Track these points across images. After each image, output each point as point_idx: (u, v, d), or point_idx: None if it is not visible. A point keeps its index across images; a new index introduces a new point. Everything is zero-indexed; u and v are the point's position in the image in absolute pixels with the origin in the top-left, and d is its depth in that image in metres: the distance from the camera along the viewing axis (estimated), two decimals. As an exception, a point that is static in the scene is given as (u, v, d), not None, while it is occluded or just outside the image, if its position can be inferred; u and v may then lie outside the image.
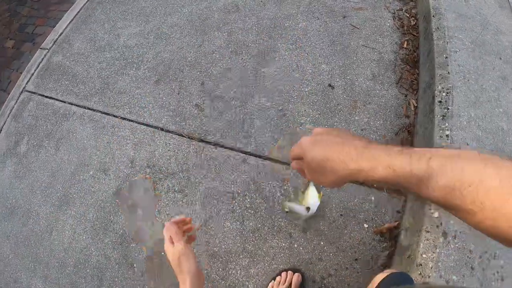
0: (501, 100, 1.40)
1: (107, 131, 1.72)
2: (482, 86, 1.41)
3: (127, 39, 1.95)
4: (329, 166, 0.42)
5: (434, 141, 1.27)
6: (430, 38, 1.59)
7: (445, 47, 1.50)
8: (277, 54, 1.67)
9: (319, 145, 0.45)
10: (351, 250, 1.30)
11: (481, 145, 1.27)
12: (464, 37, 1.57)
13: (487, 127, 1.32)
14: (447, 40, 1.54)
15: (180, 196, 1.49)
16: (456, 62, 1.46)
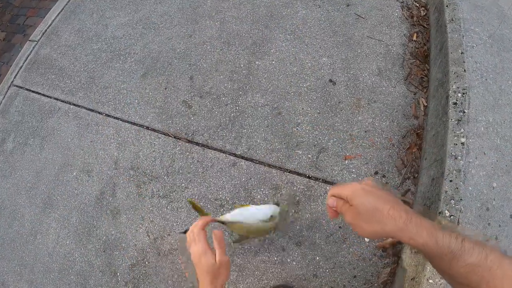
0: None
1: (91, 129, 1.56)
2: (500, 87, 1.20)
3: (115, 30, 1.77)
4: (378, 216, 0.45)
5: (447, 149, 1.08)
6: (443, 30, 1.36)
7: (461, 41, 1.28)
8: (273, 45, 1.47)
9: (372, 195, 0.47)
10: (350, 266, 1.13)
11: (499, 155, 1.07)
12: (481, 30, 1.35)
13: (506, 134, 1.12)
14: (462, 34, 1.31)
15: (165, 202, 1.33)
16: (472, 59, 1.24)
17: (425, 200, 1.14)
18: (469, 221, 1.01)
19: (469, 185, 1.04)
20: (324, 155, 1.24)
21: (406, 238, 0.42)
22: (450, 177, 1.05)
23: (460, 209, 1.02)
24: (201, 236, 0.64)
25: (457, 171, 1.05)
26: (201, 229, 0.65)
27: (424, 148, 1.25)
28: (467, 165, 1.06)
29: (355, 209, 0.47)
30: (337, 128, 1.27)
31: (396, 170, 1.23)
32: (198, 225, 0.66)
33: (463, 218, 1.01)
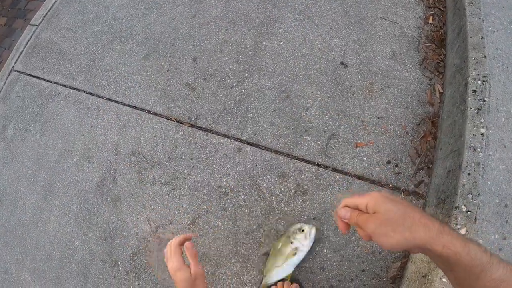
0: None
1: (92, 114, 1.47)
2: None
3: (116, 11, 1.66)
4: (408, 223, 0.41)
5: (466, 140, 0.97)
6: (461, 13, 1.24)
7: (481, 26, 1.16)
8: (281, 25, 1.35)
9: (398, 202, 0.44)
10: (358, 260, 1.05)
11: None
12: (501, 15, 1.23)
13: None
14: (482, 18, 1.19)
15: (166, 190, 1.26)
16: (493, 45, 1.13)
17: (440, 193, 1.04)
18: (486, 218, 0.92)
19: (488, 179, 0.95)
20: (334, 141, 1.14)
21: (439, 245, 0.39)
22: (468, 170, 0.95)
23: (478, 204, 0.93)
24: (177, 252, 0.66)
25: (476, 164, 0.95)
26: (177, 245, 0.67)
27: (440, 138, 1.15)
28: (487, 157, 0.96)
29: (380, 216, 0.43)
30: (348, 113, 1.17)
31: (409, 159, 1.13)
32: (176, 241, 0.67)
33: (480, 214, 0.92)
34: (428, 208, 1.08)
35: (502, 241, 0.95)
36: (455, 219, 0.94)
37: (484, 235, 0.93)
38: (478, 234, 0.93)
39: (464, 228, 0.93)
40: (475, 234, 0.92)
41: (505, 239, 0.96)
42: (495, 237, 0.94)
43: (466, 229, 0.93)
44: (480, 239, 0.92)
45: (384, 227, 0.42)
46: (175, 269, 0.63)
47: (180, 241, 0.68)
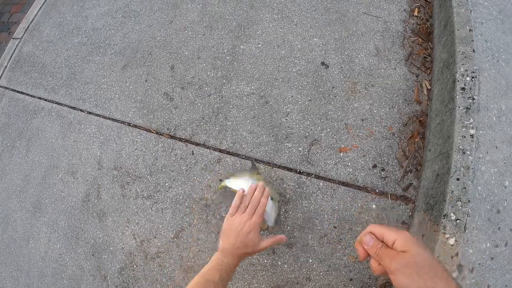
0: None
1: (74, 128, 1.43)
2: None
3: (95, 21, 1.61)
4: (432, 273, 0.40)
5: (454, 142, 0.90)
6: (447, 4, 1.16)
7: (469, 17, 1.08)
8: (259, 26, 1.28)
9: (427, 250, 0.43)
10: (346, 269, 0.99)
11: None
12: (490, 5, 1.14)
13: None
14: (470, 8, 1.11)
15: (149, 203, 1.21)
16: (482, 37, 1.05)
17: (428, 198, 0.97)
18: (477, 226, 0.85)
19: (478, 184, 0.88)
20: (316, 147, 1.08)
21: None
22: (457, 175, 0.88)
23: (468, 212, 0.86)
24: (261, 213, 0.76)
25: (465, 168, 0.88)
26: (265, 207, 0.78)
27: (428, 138, 1.07)
28: (477, 161, 0.88)
29: (409, 257, 0.42)
30: (330, 117, 1.10)
31: (396, 162, 1.06)
32: (264, 203, 0.79)
33: (470, 222, 0.85)
34: (417, 213, 1.02)
35: (494, 249, 0.88)
36: (444, 228, 0.87)
37: (474, 244, 0.86)
38: (468, 244, 0.86)
39: (453, 237, 0.86)
40: (465, 244, 0.86)
41: (497, 247, 0.89)
42: (487, 246, 0.87)
43: (455, 239, 0.86)
44: (470, 249, 0.86)
45: (410, 269, 0.41)
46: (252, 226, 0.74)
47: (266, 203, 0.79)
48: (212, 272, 0.67)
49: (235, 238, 0.72)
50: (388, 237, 0.46)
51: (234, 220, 0.75)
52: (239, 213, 0.76)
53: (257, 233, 0.74)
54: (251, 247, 0.73)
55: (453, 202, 0.88)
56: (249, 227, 0.73)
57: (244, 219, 0.74)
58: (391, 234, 0.46)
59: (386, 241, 0.46)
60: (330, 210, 1.03)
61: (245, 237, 0.72)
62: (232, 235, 0.73)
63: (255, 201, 0.78)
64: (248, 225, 0.73)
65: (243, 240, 0.72)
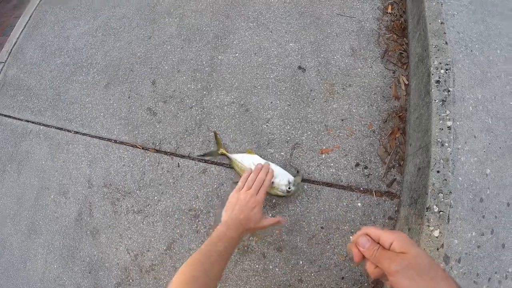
0: None
1: (62, 149, 1.44)
2: (488, 58, 1.01)
3: (76, 41, 1.62)
4: (433, 273, 0.40)
5: (432, 135, 0.91)
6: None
7: (440, 10, 1.09)
8: (236, 36, 1.29)
9: (424, 251, 0.46)
10: (336, 268, 1.00)
11: (492, 137, 0.90)
12: None
13: (498, 111, 0.95)
14: (441, 1, 1.12)
15: (140, 218, 1.22)
16: (454, 29, 1.06)
17: (412, 192, 0.98)
18: (460, 216, 0.86)
19: (459, 175, 0.88)
20: (298, 151, 1.09)
21: None
22: (437, 168, 0.89)
23: (450, 203, 0.86)
24: (265, 192, 0.84)
25: (445, 160, 0.89)
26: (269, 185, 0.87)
27: (409, 132, 1.08)
28: (456, 152, 0.89)
29: (410, 258, 0.41)
30: (310, 119, 1.11)
31: (379, 159, 1.07)
32: (269, 179, 0.87)
33: (453, 213, 0.86)
34: (403, 207, 1.03)
35: (480, 237, 0.89)
36: (428, 221, 0.88)
37: (459, 234, 0.87)
38: (453, 235, 0.87)
39: (437, 229, 0.87)
40: (450, 235, 0.87)
41: (483, 235, 0.90)
42: (472, 235, 0.88)
43: (439, 231, 0.87)
44: (455, 240, 0.86)
45: (411, 270, 0.40)
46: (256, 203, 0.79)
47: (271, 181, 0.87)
48: (217, 241, 0.69)
49: (239, 211, 0.76)
50: (385, 239, 0.45)
51: (240, 195, 0.80)
52: (245, 189, 0.81)
53: (260, 210, 0.79)
54: (253, 222, 0.76)
55: (435, 194, 0.89)
56: (254, 203, 0.78)
57: (249, 195, 0.79)
58: (387, 235, 0.45)
59: (382, 242, 0.45)
60: (316, 212, 1.04)
61: (250, 211, 0.76)
62: (236, 208, 0.77)
63: (260, 180, 0.84)
64: (253, 201, 0.78)
65: (247, 214, 0.76)
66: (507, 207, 0.93)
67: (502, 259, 0.89)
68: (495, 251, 0.89)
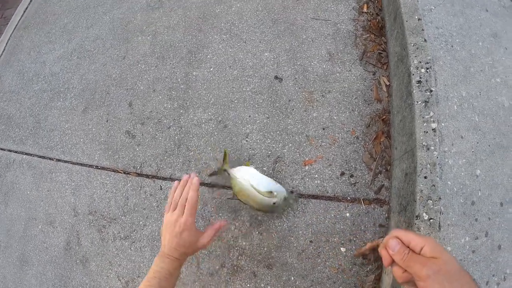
0: (496, 66, 0.94)
1: (46, 178, 1.37)
2: (470, 52, 0.94)
3: (52, 65, 1.55)
4: (463, 281, 0.39)
5: (417, 138, 0.85)
6: (394, -5, 1.11)
7: (416, 6, 1.02)
8: (209, 49, 1.23)
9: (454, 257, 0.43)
10: (330, 281, 0.94)
11: (480, 135, 0.84)
12: None
13: (485, 107, 0.88)
14: (416, -4, 1.05)
15: (127, 244, 1.16)
16: (433, 24, 0.99)
17: (401, 198, 0.92)
18: (452, 223, 0.80)
19: (448, 179, 0.82)
20: (280, 164, 1.03)
21: None
22: (424, 173, 0.83)
23: (440, 210, 0.80)
24: (191, 211, 0.69)
25: (432, 165, 0.82)
26: (196, 204, 0.70)
27: (393, 136, 1.02)
28: (443, 155, 0.83)
29: (441, 264, 0.40)
30: (290, 131, 1.05)
31: (364, 166, 1.00)
32: (193, 198, 0.71)
33: (444, 220, 0.80)
34: (393, 214, 0.96)
35: (474, 242, 0.83)
36: (418, 230, 0.82)
37: (452, 241, 0.81)
38: (445, 242, 0.81)
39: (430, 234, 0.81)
40: (442, 242, 0.81)
41: (478, 239, 0.84)
42: (466, 240, 0.82)
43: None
44: (448, 247, 0.80)
45: (442, 276, 0.39)
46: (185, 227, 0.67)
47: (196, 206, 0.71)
48: (151, 281, 0.63)
49: (170, 238, 0.67)
50: (416, 243, 0.43)
51: (167, 218, 0.70)
52: (171, 211, 0.71)
53: (192, 232, 0.68)
54: (189, 247, 0.68)
55: (423, 202, 0.83)
56: (180, 227, 0.67)
57: (174, 218, 0.68)
58: (418, 239, 0.43)
59: (413, 247, 0.44)
60: (304, 225, 0.98)
61: (179, 237, 0.67)
62: (167, 236, 0.68)
63: (182, 198, 0.71)
64: (179, 225, 0.67)
65: (178, 241, 0.67)
66: (500, 207, 0.87)
67: (499, 261, 0.84)
68: (491, 253, 0.83)
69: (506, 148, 0.91)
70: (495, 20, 1.01)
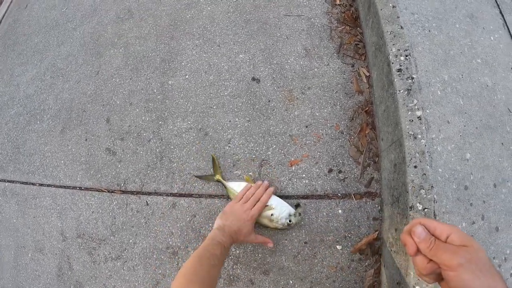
0: (476, 47, 0.89)
1: (30, 204, 1.27)
2: (448, 34, 0.88)
3: (26, 88, 1.44)
4: (493, 270, 0.35)
5: (403, 127, 0.78)
6: (365, -16, 1.04)
7: (390, -8, 0.95)
8: (183, 57, 1.14)
9: None
10: (329, 280, 0.87)
11: (466, 118, 0.78)
12: None
13: (468, 89, 0.82)
14: (389, -17, 0.98)
15: (119, 264, 1.07)
16: (408, 10, 0.93)
17: (392, 190, 0.86)
18: (447, 210, 0.74)
19: (438, 167, 0.76)
20: (266, 168, 0.95)
21: None
22: (414, 162, 0.76)
23: (433, 198, 0.74)
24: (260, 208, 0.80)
25: (420, 154, 0.76)
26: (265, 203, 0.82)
27: (378, 127, 0.95)
28: (431, 142, 0.77)
29: (473, 252, 0.36)
30: (273, 132, 0.97)
31: (352, 160, 0.94)
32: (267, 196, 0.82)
33: (439, 208, 0.74)
34: (386, 206, 0.90)
35: (471, 227, 0.77)
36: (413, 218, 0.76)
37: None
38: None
39: (424, 228, 0.75)
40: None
41: (474, 223, 0.78)
42: (463, 226, 0.77)
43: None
44: None
45: (474, 265, 0.35)
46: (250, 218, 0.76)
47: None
48: (215, 246, 0.66)
49: (233, 220, 0.74)
50: (441, 230, 0.39)
51: (235, 205, 0.78)
52: (242, 202, 0.79)
53: (252, 225, 0.77)
54: (244, 234, 0.74)
55: (416, 192, 0.77)
56: (248, 216, 0.75)
57: (245, 207, 0.77)
58: (443, 227, 0.39)
59: (438, 235, 0.39)
60: (297, 227, 0.91)
61: (243, 223, 0.74)
62: (231, 217, 0.75)
63: (258, 195, 0.81)
64: (247, 214, 0.76)
65: (240, 225, 0.73)
66: (494, 189, 0.82)
67: (498, 243, 0.79)
68: (489, 236, 0.79)
69: (493, 128, 0.86)
70: (469, 0, 0.95)
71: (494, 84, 0.89)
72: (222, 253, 0.66)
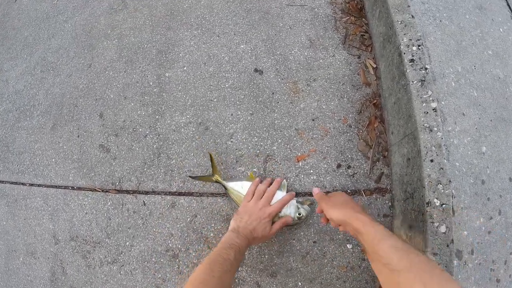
0: (486, 39, 0.82)
1: (21, 205, 1.16)
2: (459, 25, 0.81)
3: (16, 83, 1.31)
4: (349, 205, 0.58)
5: (417, 120, 0.70)
6: (372, -28, 0.95)
7: (398, -17, 0.88)
8: (181, 48, 1.03)
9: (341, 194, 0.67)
10: (339, 281, 0.79)
11: (481, 110, 0.71)
12: None
13: (481, 81, 0.75)
14: (397, -28, 0.90)
15: (116, 268, 0.97)
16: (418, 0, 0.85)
17: (405, 185, 0.78)
18: (465, 205, 0.67)
19: (456, 160, 0.69)
20: (271, 163, 0.86)
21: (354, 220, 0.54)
22: (430, 156, 0.68)
23: (452, 193, 0.67)
24: (280, 205, 0.74)
25: (437, 147, 0.68)
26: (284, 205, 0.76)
27: (388, 120, 0.87)
28: (447, 135, 0.69)
29: (332, 197, 0.62)
30: (278, 126, 0.88)
31: (361, 154, 0.85)
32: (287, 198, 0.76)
33: (457, 203, 0.66)
34: (397, 202, 0.82)
35: (488, 222, 0.70)
36: (431, 217, 0.68)
37: (467, 224, 0.68)
38: (461, 227, 0.67)
39: (443, 225, 0.68)
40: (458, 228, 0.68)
41: (492, 219, 0.71)
42: (481, 222, 0.70)
43: (445, 226, 0.68)
44: (464, 231, 0.69)
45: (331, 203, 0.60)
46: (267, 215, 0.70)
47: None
48: (228, 250, 0.61)
49: (248, 220, 0.69)
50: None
51: (248, 204, 0.72)
52: (256, 199, 0.73)
53: (270, 223, 0.71)
54: (261, 233, 0.68)
55: (433, 187, 0.69)
56: (264, 213, 0.70)
57: (260, 205, 0.71)
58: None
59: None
60: (305, 226, 0.83)
61: (259, 222, 0.68)
62: (245, 217, 0.69)
63: (272, 191, 0.74)
64: (263, 211, 0.70)
65: (256, 225, 0.68)
66: (510, 183, 0.75)
67: None
68: (506, 231, 0.73)
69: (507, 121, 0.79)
70: (478, -9, 0.88)
71: (506, 76, 0.83)
72: (236, 257, 0.61)
